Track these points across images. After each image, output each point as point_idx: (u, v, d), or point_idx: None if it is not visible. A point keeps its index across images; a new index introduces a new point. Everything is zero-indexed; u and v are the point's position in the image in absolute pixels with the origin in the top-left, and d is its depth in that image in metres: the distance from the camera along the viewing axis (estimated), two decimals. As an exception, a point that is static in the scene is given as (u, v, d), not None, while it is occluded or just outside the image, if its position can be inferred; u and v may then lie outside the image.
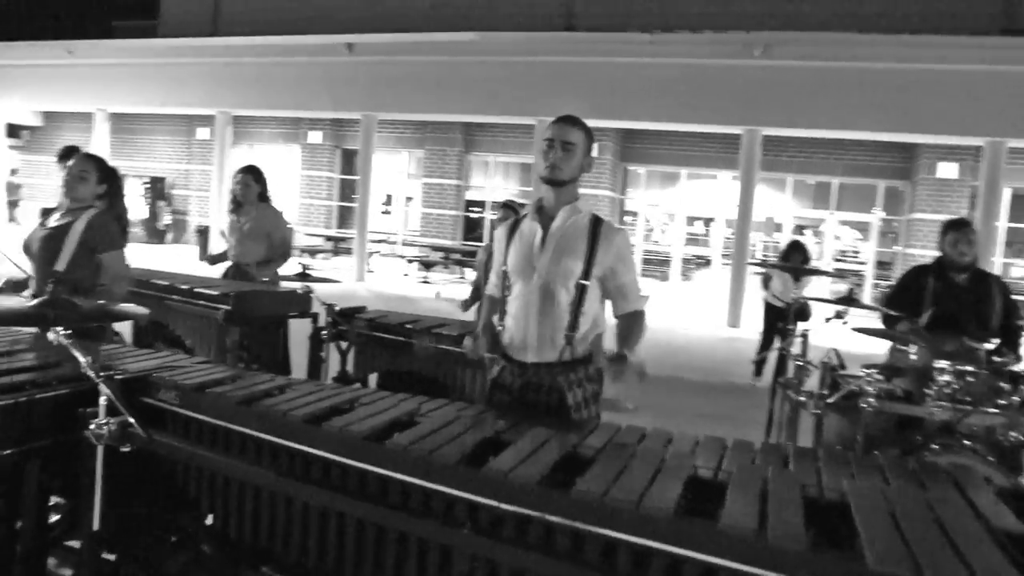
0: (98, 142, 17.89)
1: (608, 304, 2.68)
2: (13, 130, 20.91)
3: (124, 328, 5.76)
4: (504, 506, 1.65)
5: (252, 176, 5.43)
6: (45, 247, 3.30)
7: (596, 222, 2.61)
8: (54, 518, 2.58)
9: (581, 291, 2.54)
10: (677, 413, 6.44)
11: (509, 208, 5.58)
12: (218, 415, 2.14)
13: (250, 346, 5.24)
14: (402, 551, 1.80)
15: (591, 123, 2.77)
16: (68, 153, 6.64)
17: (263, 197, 5.49)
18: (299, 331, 5.01)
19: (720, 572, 1.44)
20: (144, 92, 17.01)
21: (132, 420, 2.04)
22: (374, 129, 15.45)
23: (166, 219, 20.39)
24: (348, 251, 16.70)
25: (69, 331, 2.11)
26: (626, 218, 17.94)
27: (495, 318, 2.75)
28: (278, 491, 1.98)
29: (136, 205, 20.04)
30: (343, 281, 14.62)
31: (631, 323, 2.62)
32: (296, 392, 2.31)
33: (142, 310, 2.33)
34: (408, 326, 4.50)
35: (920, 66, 11.13)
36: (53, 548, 2.63)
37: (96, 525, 2.14)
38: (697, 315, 13.50)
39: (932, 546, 1.39)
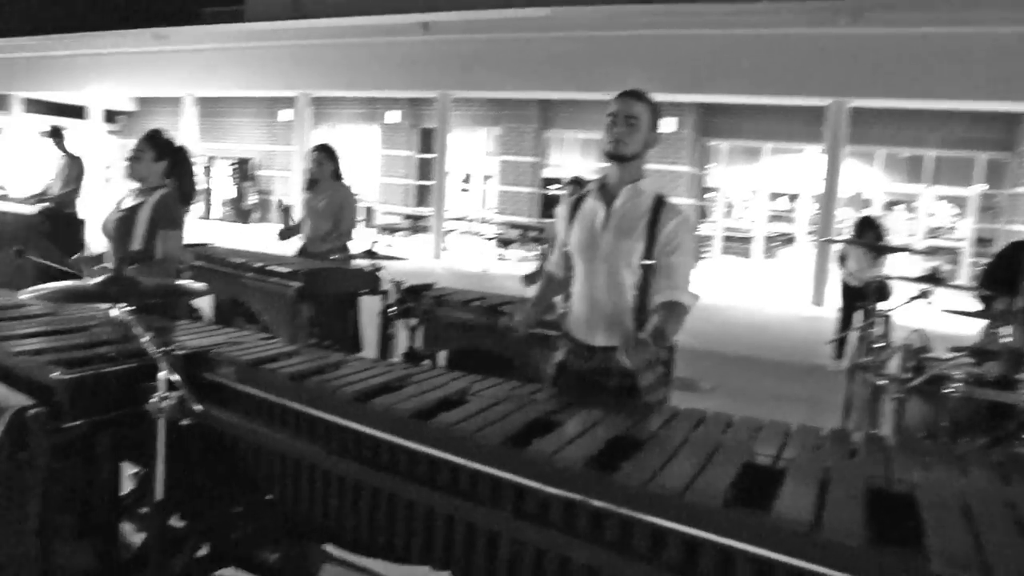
0: (187, 126, 18.55)
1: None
2: (110, 116, 21.86)
3: (205, 305, 5.96)
4: (547, 489, 1.60)
5: (326, 154, 5.50)
6: (119, 228, 3.43)
7: (659, 202, 2.51)
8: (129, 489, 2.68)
9: (646, 271, 2.46)
10: (753, 394, 6.26)
11: (577, 184, 5.49)
12: (272, 391, 2.16)
13: (322, 323, 5.33)
14: (449, 533, 1.77)
15: (670, 97, 2.69)
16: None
17: (337, 175, 5.56)
18: (371, 308, 5.06)
19: (772, 566, 1.36)
20: (230, 76, 17.53)
21: (187, 395, 2.07)
22: (450, 108, 15.50)
23: (251, 199, 21.01)
24: (426, 229, 16.87)
25: (131, 308, 2.16)
26: (706, 195, 17.52)
27: (561, 299, 2.70)
28: (330, 469, 1.99)
29: (223, 186, 20.74)
30: (411, 259, 14.75)
31: (669, 312, 2.37)
32: (350, 369, 2.32)
33: (201, 286, 2.36)
34: (475, 303, 4.49)
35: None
36: (127, 515, 2.73)
37: (159, 495, 2.19)
38: (779, 294, 13.10)
39: (1007, 549, 1.27)
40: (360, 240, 5.74)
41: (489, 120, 18.62)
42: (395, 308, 4.68)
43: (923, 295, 4.05)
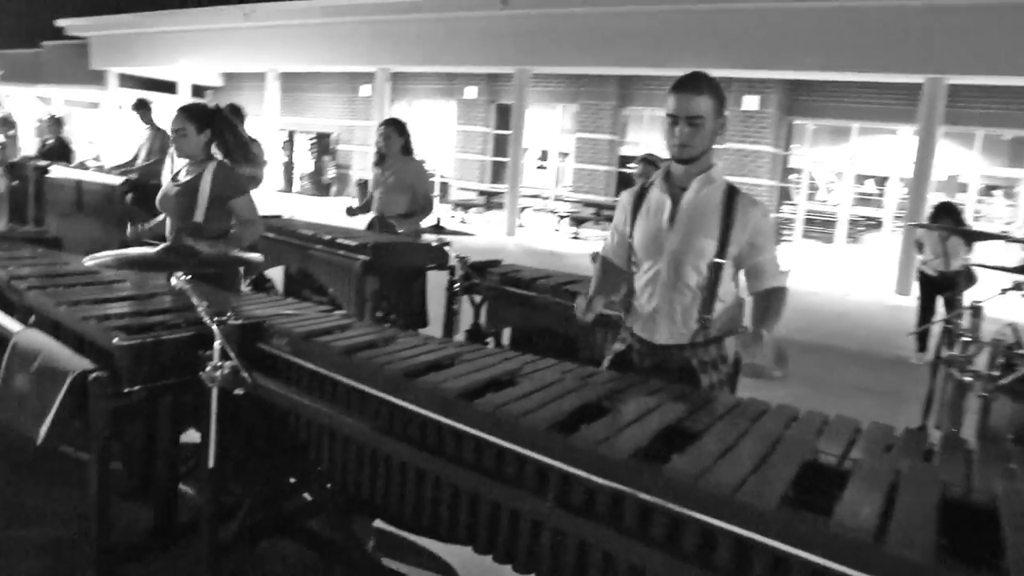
0: (270, 101, 18.94)
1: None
2: (198, 91, 22.51)
3: (276, 276, 6.07)
4: (593, 478, 1.53)
5: (395, 129, 5.49)
6: (180, 202, 3.47)
7: (731, 194, 2.36)
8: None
9: (715, 271, 2.33)
10: (827, 385, 6.02)
11: (649, 163, 5.32)
12: (323, 364, 2.14)
13: (388, 296, 5.36)
14: (493, 519, 1.72)
15: (752, 74, 2.54)
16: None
17: (407, 150, 5.54)
18: (439, 283, 5.04)
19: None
20: (312, 51, 17.79)
21: (239, 365, 2.07)
22: (528, 83, 15.37)
23: (330, 173, 21.37)
24: (500, 206, 16.84)
25: (189, 276, 2.17)
26: (790, 176, 16.94)
27: (623, 293, 2.60)
28: (376, 448, 1.96)
29: (303, 160, 21.17)
30: (484, 235, 14.75)
31: (770, 301, 2.36)
32: (401, 345, 2.28)
33: (259, 257, 2.36)
34: (540, 282, 4.42)
35: None
36: (187, 478, 2.78)
37: (211, 463, 2.21)
38: (862, 280, 12.58)
39: (1100, 571, 1.14)
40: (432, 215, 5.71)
41: (567, 96, 18.41)
42: (460, 284, 4.65)
43: (1018, 287, 3.78)
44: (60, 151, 9.21)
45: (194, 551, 2.47)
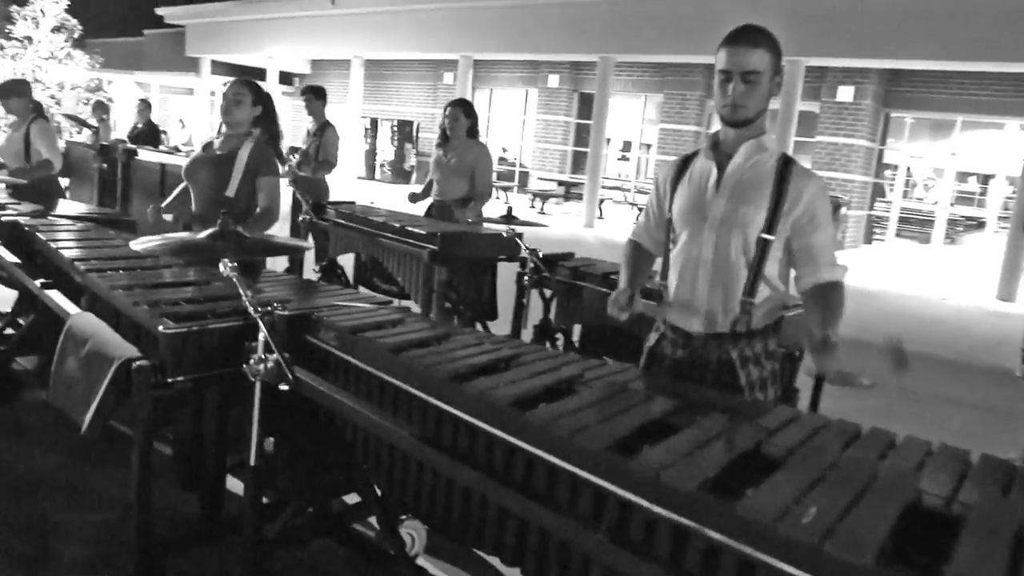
0: (354, 88, 19.15)
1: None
2: (286, 77, 22.98)
3: (347, 262, 6.02)
4: (654, 509, 1.34)
5: (462, 110, 5.35)
6: (213, 173, 3.38)
7: (785, 163, 2.11)
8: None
9: (763, 248, 2.08)
10: (922, 397, 5.60)
11: None
12: (369, 361, 2.00)
13: (457, 287, 5.23)
14: (542, 547, 1.55)
15: (848, 63, 2.27)
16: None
17: (472, 133, 5.40)
18: (511, 275, 4.87)
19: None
20: (396, 38, 17.88)
21: (281, 359, 1.95)
22: (611, 72, 15.07)
23: (412, 161, 21.50)
24: (580, 197, 16.59)
25: (236, 264, 2.06)
26: (885, 171, 16.11)
27: (656, 274, 2.35)
28: (421, 458, 1.80)
29: (385, 147, 21.37)
30: (562, 226, 14.51)
31: (827, 297, 2.05)
32: (456, 344, 2.12)
33: (307, 244, 2.25)
34: (614, 277, 4.21)
35: None
36: (237, 469, 2.71)
37: (253, 460, 2.11)
38: (961, 284, 11.84)
39: None
40: (506, 203, 5.56)
41: (651, 86, 17.97)
42: (530, 277, 4.48)
43: None
44: (149, 135, 9.45)
45: (238, 547, 2.39)
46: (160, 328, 2.15)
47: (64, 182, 9.10)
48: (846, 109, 14.62)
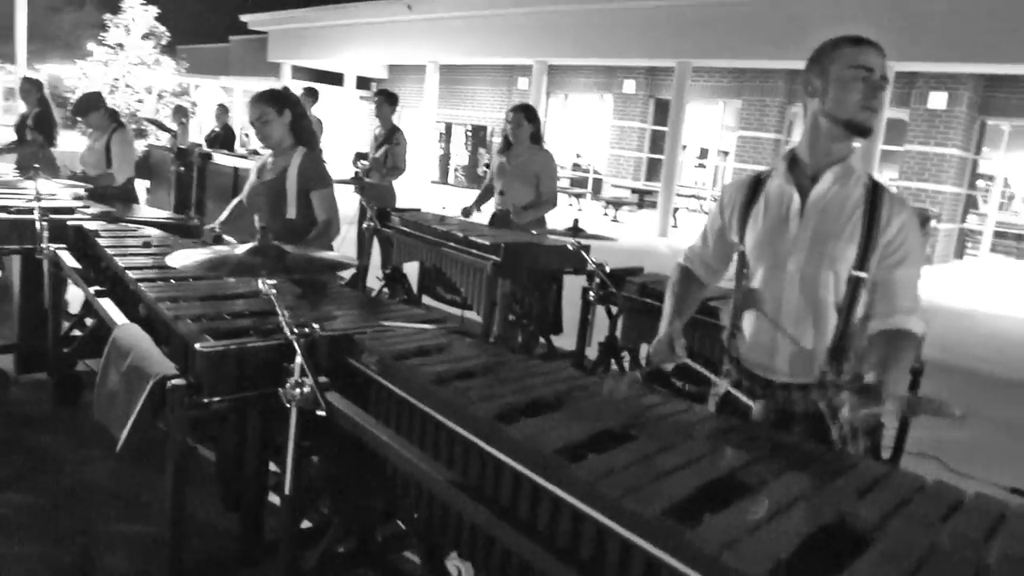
0: (429, 93, 19.24)
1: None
2: (363, 82, 23.30)
3: (411, 270, 5.94)
4: (718, 593, 1.14)
5: (525, 115, 5.19)
6: (270, 200, 3.30)
7: (875, 190, 1.84)
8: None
9: (854, 286, 1.83)
10: (1019, 427, 5.16)
11: None
12: (410, 390, 1.86)
13: (521, 300, 5.08)
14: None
15: (943, 67, 2.00)
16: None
17: (536, 139, 5.24)
18: (577, 288, 4.68)
19: None
20: (471, 44, 17.88)
21: (315, 385, 1.82)
22: (688, 77, 14.69)
23: (484, 165, 21.49)
24: (654, 204, 16.25)
25: (275, 282, 1.94)
26: (978, 182, 15.25)
27: (730, 312, 2.07)
28: (460, 509, 1.63)
29: (459, 151, 21.43)
30: (628, 235, 14.19)
31: (898, 346, 1.76)
32: (509, 373, 1.95)
33: (351, 260, 2.11)
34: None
35: None
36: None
37: (288, 490, 1.98)
38: (1064, 306, 11.05)
39: None
40: (579, 209, 5.37)
41: (730, 92, 17.48)
42: (595, 293, 4.28)
43: None
44: (225, 138, 9.62)
45: (276, 572, 2.27)
46: (197, 346, 2.05)
47: (145, 184, 9.39)
48: (938, 116, 13.87)
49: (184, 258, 1.96)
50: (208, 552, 2.64)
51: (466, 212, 5.59)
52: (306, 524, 2.61)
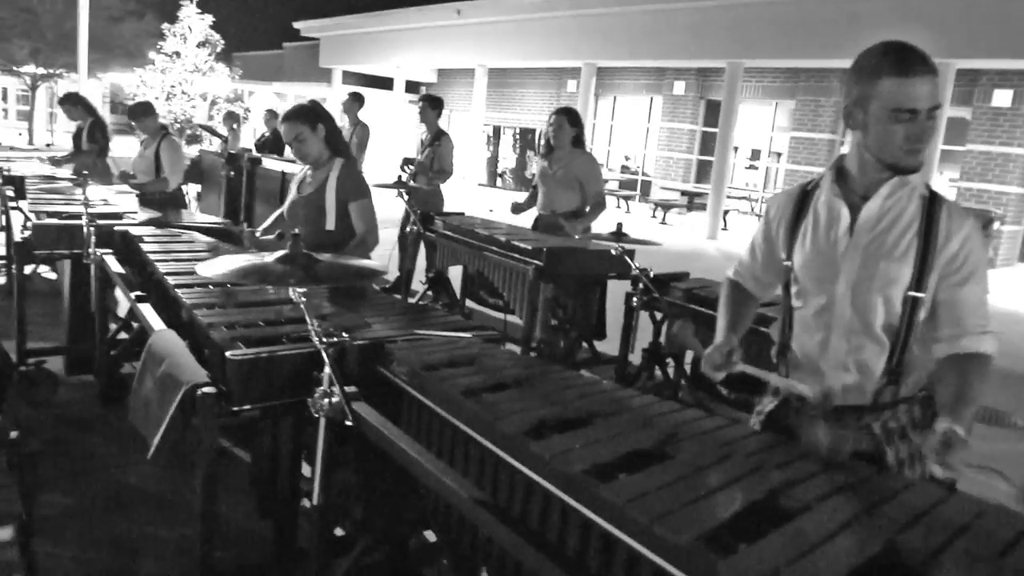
0: (478, 96, 19.28)
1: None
2: (412, 86, 23.45)
3: (454, 275, 5.91)
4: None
5: (567, 118, 5.11)
6: (310, 213, 3.29)
7: (933, 202, 1.71)
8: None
9: (912, 307, 1.70)
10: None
11: None
12: (440, 402, 1.81)
13: (564, 305, 5.00)
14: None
15: (1008, 64, 1.82)
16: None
17: (578, 142, 5.16)
18: (621, 293, 4.59)
19: None
20: (519, 47, 17.85)
21: (342, 395, 1.78)
22: (739, 78, 14.42)
23: (533, 168, 21.44)
24: (703, 207, 15.99)
25: (305, 289, 1.91)
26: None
27: (774, 329, 1.98)
28: (486, 529, 1.57)
29: (507, 154, 21.42)
30: (678, 237, 13.97)
31: (966, 372, 1.64)
32: (543, 386, 1.89)
33: (382, 268, 2.07)
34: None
35: None
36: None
37: (317, 499, 1.95)
38: None
39: None
40: (626, 211, 5.27)
41: (783, 92, 17.10)
42: (639, 298, 4.18)
43: None
44: (274, 143, 9.74)
45: (308, 582, 2.25)
46: (228, 354, 2.03)
47: (196, 188, 9.56)
48: (1002, 115, 13.35)
49: (215, 267, 1.95)
50: (240, 557, 2.63)
51: (516, 208, 5.53)
52: (340, 532, 2.59)
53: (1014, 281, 12.01)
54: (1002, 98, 13.28)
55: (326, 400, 1.86)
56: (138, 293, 2.94)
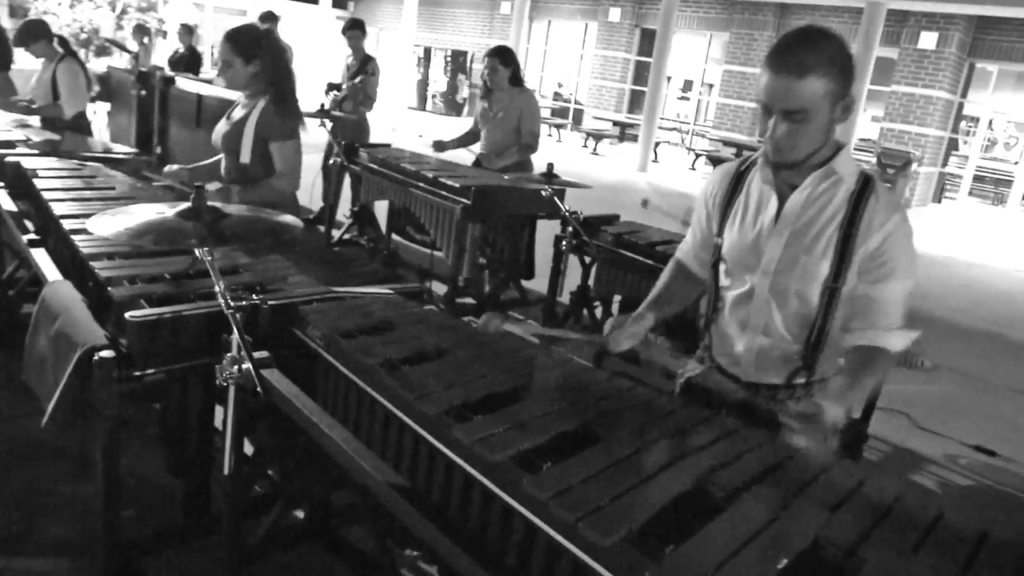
0: (408, 16, 18.55)
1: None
2: (339, 1, 22.38)
3: (380, 209, 5.72)
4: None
5: (499, 60, 4.94)
6: (228, 140, 3.12)
7: (861, 194, 1.67)
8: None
9: (830, 296, 1.71)
10: (990, 383, 5.15)
11: None
12: (356, 371, 1.71)
13: (493, 243, 4.92)
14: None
15: (936, 7, 1.78)
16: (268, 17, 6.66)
17: (516, 80, 5.00)
18: (550, 233, 4.51)
19: None
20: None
21: (251, 370, 1.67)
22: (675, 6, 14.23)
23: (464, 92, 20.94)
24: (635, 138, 15.95)
25: (209, 248, 1.76)
26: (962, 123, 15.07)
27: (705, 301, 1.98)
28: (401, 518, 1.49)
29: (437, 77, 20.84)
30: (608, 168, 13.95)
31: (863, 363, 1.67)
32: (467, 355, 1.79)
33: (297, 222, 1.92)
34: (661, 248, 3.84)
35: None
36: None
37: (228, 468, 1.84)
38: (1040, 254, 11.08)
39: None
40: (558, 141, 5.16)
41: (718, 24, 17.00)
42: (568, 241, 4.12)
43: None
44: (190, 61, 9.17)
45: (221, 547, 2.16)
46: (128, 315, 1.88)
47: (105, 107, 8.97)
48: (927, 57, 13.60)
49: (109, 224, 1.77)
50: (153, 516, 2.52)
51: (439, 146, 5.35)
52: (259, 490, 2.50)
53: (929, 221, 12.45)
54: (928, 40, 13.49)
55: (235, 367, 1.74)
56: (32, 236, 2.71)
